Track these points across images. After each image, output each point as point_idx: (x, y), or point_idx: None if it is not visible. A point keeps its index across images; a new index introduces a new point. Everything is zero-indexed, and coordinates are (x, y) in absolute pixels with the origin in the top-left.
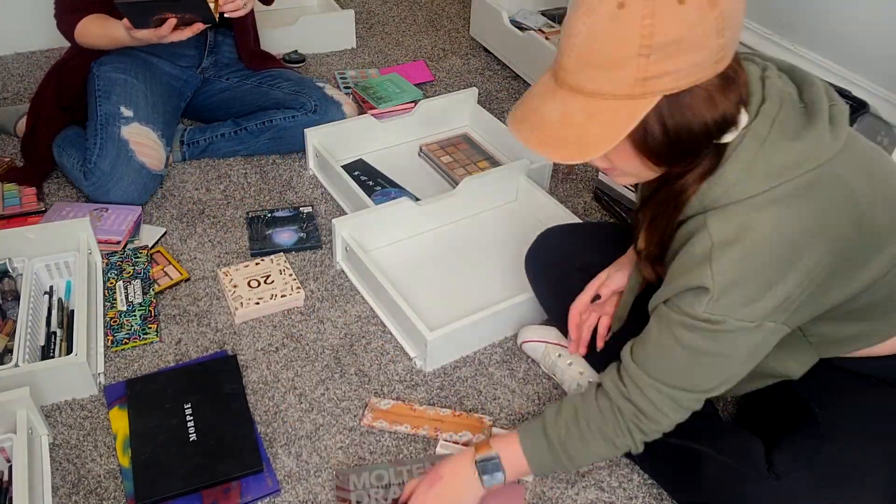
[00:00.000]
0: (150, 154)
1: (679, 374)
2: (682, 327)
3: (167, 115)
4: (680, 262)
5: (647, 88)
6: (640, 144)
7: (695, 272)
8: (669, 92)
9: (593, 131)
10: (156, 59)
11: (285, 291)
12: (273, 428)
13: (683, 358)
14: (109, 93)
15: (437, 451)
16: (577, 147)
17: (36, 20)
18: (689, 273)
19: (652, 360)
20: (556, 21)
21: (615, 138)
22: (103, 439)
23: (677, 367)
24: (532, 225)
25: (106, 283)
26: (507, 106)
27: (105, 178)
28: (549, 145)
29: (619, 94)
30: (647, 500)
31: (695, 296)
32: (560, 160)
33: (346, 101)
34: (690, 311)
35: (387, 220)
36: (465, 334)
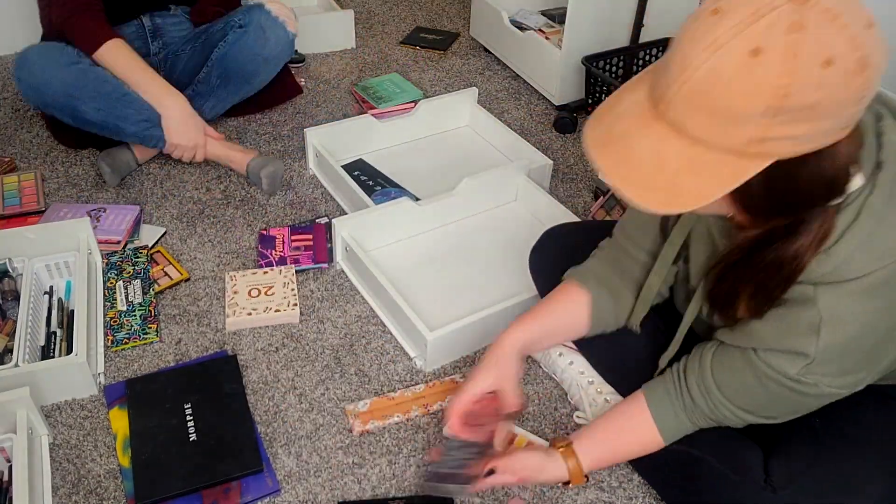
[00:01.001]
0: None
1: (755, 405)
2: (769, 379)
3: None
4: (781, 325)
5: (762, 149)
6: (737, 198)
7: (800, 339)
8: (785, 157)
9: (688, 183)
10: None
11: (281, 306)
12: (273, 428)
13: (763, 397)
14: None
15: (445, 431)
16: (666, 196)
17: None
18: (792, 338)
19: (729, 386)
20: (556, 21)
21: (711, 196)
22: (103, 439)
23: (754, 401)
24: (532, 225)
25: (106, 282)
26: (506, 106)
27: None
28: (635, 186)
29: (729, 149)
30: (647, 501)
31: (791, 359)
32: (646, 208)
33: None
34: (781, 370)
35: (387, 220)
36: (465, 334)
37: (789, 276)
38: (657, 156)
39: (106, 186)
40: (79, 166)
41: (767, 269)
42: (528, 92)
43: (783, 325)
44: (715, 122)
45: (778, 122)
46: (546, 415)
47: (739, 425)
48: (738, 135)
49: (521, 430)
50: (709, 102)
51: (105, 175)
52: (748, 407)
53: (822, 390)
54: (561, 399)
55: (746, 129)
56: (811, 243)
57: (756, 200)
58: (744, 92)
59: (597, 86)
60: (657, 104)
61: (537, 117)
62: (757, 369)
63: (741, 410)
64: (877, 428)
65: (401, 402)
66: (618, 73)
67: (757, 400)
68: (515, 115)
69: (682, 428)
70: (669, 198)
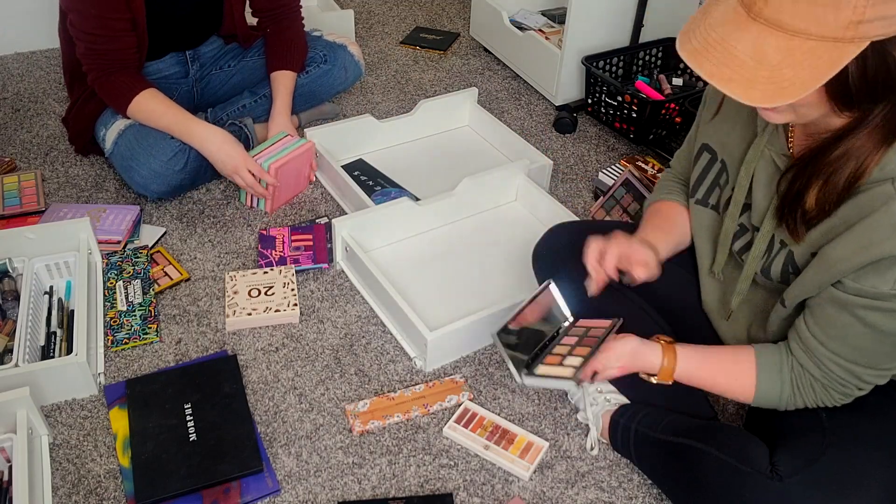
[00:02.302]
0: None
1: (861, 352)
2: (865, 308)
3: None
4: (859, 237)
5: (858, 33)
6: (834, 89)
7: (884, 244)
8: (880, 38)
9: (788, 74)
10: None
11: (281, 307)
12: (273, 428)
13: (867, 337)
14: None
15: (445, 431)
16: (769, 89)
17: (36, 20)
18: (875, 246)
19: (831, 337)
20: (556, 21)
21: (813, 84)
22: (103, 439)
23: (859, 346)
24: (532, 225)
25: (106, 283)
26: (506, 106)
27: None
28: (738, 84)
29: (827, 35)
30: (647, 500)
31: (881, 272)
32: (748, 101)
33: (348, 41)
34: (876, 290)
35: (387, 220)
36: (465, 334)
37: (857, 169)
38: (758, 53)
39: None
40: (79, 166)
41: (836, 162)
42: (528, 92)
43: (863, 236)
44: (815, 8)
45: (872, 3)
46: (546, 415)
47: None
48: (835, 20)
49: (521, 430)
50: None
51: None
52: (856, 357)
53: None
54: (561, 399)
55: (845, 12)
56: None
57: (855, 86)
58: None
59: (597, 86)
60: (751, 7)
61: (537, 117)
62: (852, 305)
63: (849, 363)
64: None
65: (401, 402)
66: (618, 73)
67: (862, 343)
68: (515, 115)
69: (777, 396)
70: (774, 91)
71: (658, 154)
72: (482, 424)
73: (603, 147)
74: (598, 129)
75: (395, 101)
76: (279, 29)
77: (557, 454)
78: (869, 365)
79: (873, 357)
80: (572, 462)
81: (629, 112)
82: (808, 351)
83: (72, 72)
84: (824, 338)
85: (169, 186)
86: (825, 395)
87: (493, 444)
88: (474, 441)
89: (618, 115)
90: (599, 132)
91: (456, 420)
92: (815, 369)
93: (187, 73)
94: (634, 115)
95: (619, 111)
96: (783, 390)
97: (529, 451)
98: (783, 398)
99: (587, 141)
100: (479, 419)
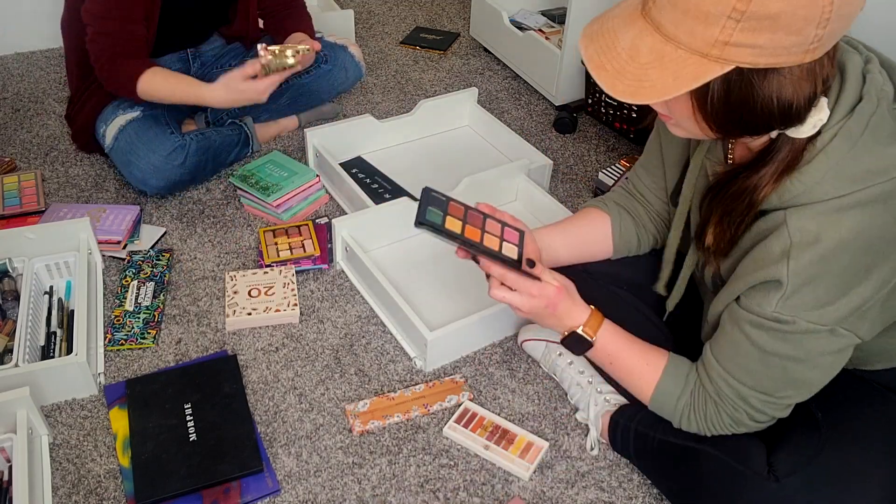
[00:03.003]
0: None
1: (749, 373)
2: (751, 325)
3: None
4: (754, 258)
5: (723, 54)
6: (700, 105)
7: (770, 268)
8: (745, 65)
9: (654, 76)
10: None
11: (281, 306)
12: (273, 428)
13: (753, 357)
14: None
15: (445, 431)
16: (633, 86)
17: (36, 20)
18: (764, 269)
19: (724, 353)
20: (556, 21)
21: (672, 91)
22: (103, 439)
23: (747, 366)
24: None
25: (122, 279)
26: (506, 106)
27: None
28: (608, 73)
29: (695, 48)
30: (647, 500)
31: (766, 293)
32: (613, 94)
33: (349, 42)
34: (759, 310)
35: (387, 220)
36: (465, 334)
37: (749, 204)
38: (633, 48)
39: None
40: (79, 166)
41: (732, 197)
42: (528, 92)
43: (758, 257)
44: (687, 19)
45: (741, 28)
46: (546, 415)
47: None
48: (705, 35)
49: (521, 430)
50: (684, 1)
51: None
52: (744, 378)
53: (801, 325)
54: (561, 399)
55: (713, 29)
56: (774, 173)
57: (715, 108)
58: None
59: (596, 86)
60: (645, 4)
61: (537, 117)
62: (740, 319)
63: (738, 383)
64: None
65: (401, 402)
66: None
67: (750, 363)
68: (515, 115)
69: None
70: (635, 88)
71: None
72: (482, 424)
73: (603, 147)
74: (598, 129)
75: (395, 101)
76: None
77: (557, 454)
78: (756, 388)
79: (761, 380)
80: (572, 462)
81: (629, 112)
82: (706, 367)
83: (76, 64)
84: (719, 355)
85: (168, 182)
86: (716, 418)
87: (493, 444)
88: (474, 441)
89: (618, 115)
90: (599, 132)
91: (456, 420)
92: (710, 384)
93: (188, 72)
94: (634, 115)
95: (619, 111)
96: (681, 397)
97: (529, 451)
98: (679, 406)
99: (587, 141)
100: (479, 419)
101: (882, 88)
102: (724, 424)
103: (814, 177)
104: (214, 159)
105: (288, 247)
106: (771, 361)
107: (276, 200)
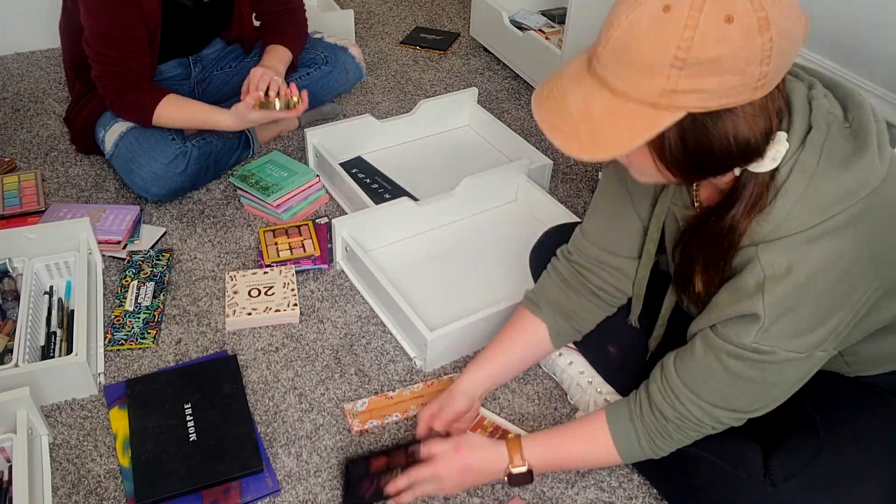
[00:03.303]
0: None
1: (722, 395)
2: (728, 355)
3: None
4: (729, 292)
5: (672, 102)
6: (658, 153)
7: (746, 302)
8: (695, 111)
9: (608, 132)
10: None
11: (281, 307)
12: (273, 428)
13: (727, 382)
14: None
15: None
16: (589, 144)
17: (36, 20)
18: (739, 303)
19: (695, 377)
20: (556, 21)
21: (628, 145)
22: (103, 439)
23: (720, 390)
24: (532, 225)
25: (122, 279)
26: (507, 106)
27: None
28: (562, 133)
29: (644, 100)
30: (647, 501)
31: (744, 324)
32: (570, 153)
33: (349, 43)
34: (738, 340)
35: (387, 220)
36: (465, 334)
37: (729, 245)
38: (584, 107)
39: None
40: (79, 166)
41: (710, 241)
42: (528, 92)
43: (733, 291)
44: (632, 73)
45: (685, 75)
46: (546, 415)
47: (704, 433)
48: (651, 86)
49: (521, 431)
50: (627, 55)
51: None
52: (715, 400)
53: (780, 355)
54: (561, 399)
55: (658, 80)
56: (745, 210)
57: (674, 155)
58: (654, 44)
59: None
60: (591, 62)
61: None
62: (717, 348)
63: (709, 405)
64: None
65: (399, 402)
66: None
67: (723, 388)
68: (515, 115)
69: (637, 446)
70: (592, 146)
71: None
72: (482, 424)
73: None
74: None
75: (395, 101)
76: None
77: None
78: (728, 408)
79: (734, 402)
80: None
81: None
82: (667, 390)
83: (75, 66)
84: (688, 377)
85: (169, 189)
86: (680, 435)
87: None
88: None
89: None
90: None
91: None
92: (670, 410)
93: (189, 75)
94: None
95: None
96: (639, 438)
97: None
98: (644, 447)
99: None
100: (480, 419)
101: (830, 112)
102: (688, 437)
103: (779, 215)
104: (216, 164)
105: (288, 247)
106: (746, 386)
107: (276, 200)
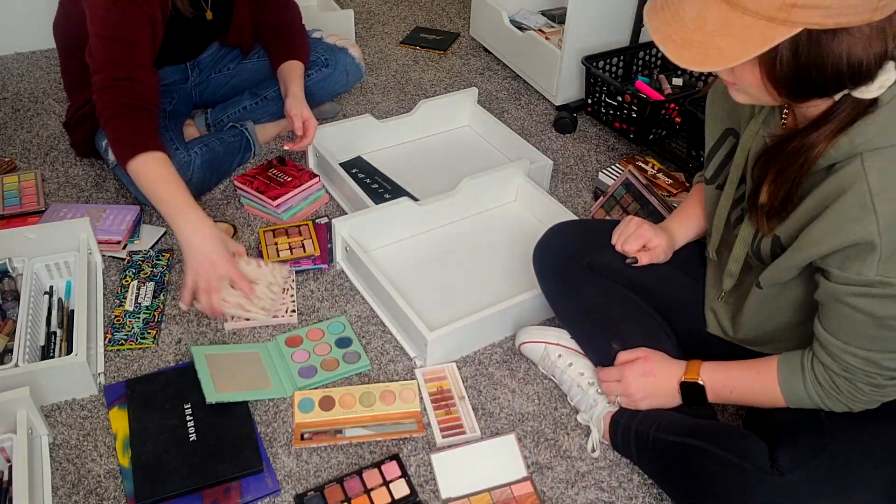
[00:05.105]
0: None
1: (869, 338)
2: (855, 296)
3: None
4: (829, 220)
5: (791, 16)
6: (767, 70)
7: (854, 227)
8: (813, 27)
9: (720, 43)
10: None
11: (279, 312)
12: (273, 428)
13: (868, 324)
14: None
15: (439, 441)
16: (699, 54)
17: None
18: (846, 229)
19: (839, 327)
20: (556, 21)
21: (740, 57)
22: (103, 439)
23: (865, 332)
24: (532, 225)
25: (122, 279)
26: (506, 106)
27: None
28: (674, 43)
29: (761, 13)
30: (647, 500)
31: (861, 259)
32: (681, 63)
33: (349, 44)
34: (860, 277)
35: (387, 220)
36: (465, 334)
37: (804, 162)
38: (699, 18)
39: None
40: (79, 166)
41: (789, 156)
42: (528, 92)
43: (835, 219)
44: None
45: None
46: (546, 415)
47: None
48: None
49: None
50: None
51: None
52: (865, 343)
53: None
54: (561, 399)
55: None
56: (830, 132)
57: (784, 72)
58: None
59: (597, 86)
60: None
61: (537, 117)
62: (841, 295)
63: (863, 350)
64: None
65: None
66: (618, 73)
67: (867, 330)
68: (515, 115)
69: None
70: (702, 56)
71: (658, 154)
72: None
73: (603, 147)
74: (598, 129)
75: (395, 101)
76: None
77: (557, 454)
78: (884, 350)
79: (885, 342)
80: (572, 462)
81: (629, 112)
82: (823, 347)
83: (72, 78)
84: (834, 329)
85: None
86: (855, 391)
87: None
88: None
89: (618, 115)
90: (599, 132)
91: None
92: (834, 363)
93: (187, 79)
94: (634, 115)
95: (619, 111)
96: (806, 382)
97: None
98: (811, 394)
99: (587, 141)
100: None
101: None
102: (864, 393)
103: (886, 118)
104: (219, 170)
105: (288, 247)
106: (888, 324)
107: (276, 200)
